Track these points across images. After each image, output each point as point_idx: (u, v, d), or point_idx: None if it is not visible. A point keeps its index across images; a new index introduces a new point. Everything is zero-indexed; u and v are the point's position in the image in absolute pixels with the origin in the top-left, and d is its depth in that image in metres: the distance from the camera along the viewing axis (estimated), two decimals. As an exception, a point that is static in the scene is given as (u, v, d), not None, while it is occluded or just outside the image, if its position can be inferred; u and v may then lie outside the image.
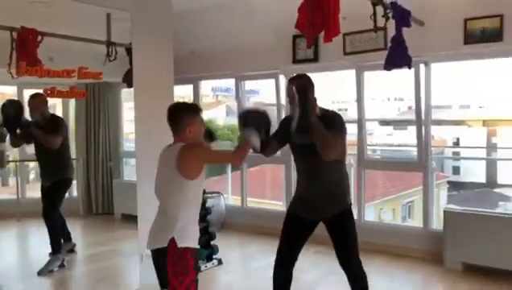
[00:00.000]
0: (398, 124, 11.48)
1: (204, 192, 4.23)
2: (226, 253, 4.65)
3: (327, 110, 2.87)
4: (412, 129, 4.87)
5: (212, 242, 4.52)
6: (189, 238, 2.35)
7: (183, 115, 2.40)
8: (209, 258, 4.47)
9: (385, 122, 11.49)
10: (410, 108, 11.60)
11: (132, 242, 4.81)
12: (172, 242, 2.30)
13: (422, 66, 4.49)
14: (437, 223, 4.68)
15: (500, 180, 9.18)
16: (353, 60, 4.82)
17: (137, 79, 3.69)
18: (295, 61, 5.16)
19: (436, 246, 4.49)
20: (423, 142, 4.63)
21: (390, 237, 4.81)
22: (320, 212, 2.87)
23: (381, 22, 3.37)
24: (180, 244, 2.30)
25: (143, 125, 3.73)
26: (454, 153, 9.91)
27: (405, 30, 3.44)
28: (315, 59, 5.01)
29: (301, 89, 2.67)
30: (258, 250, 5.02)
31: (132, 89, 4.26)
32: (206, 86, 6.99)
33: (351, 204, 2.94)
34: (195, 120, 2.41)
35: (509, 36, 3.95)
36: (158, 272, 2.47)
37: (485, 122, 11.37)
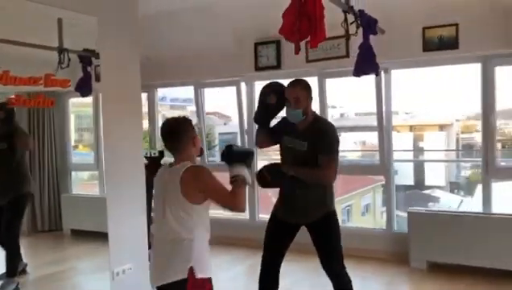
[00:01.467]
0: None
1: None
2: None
3: (319, 121, 2.95)
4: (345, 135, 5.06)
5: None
6: (207, 267, 2.20)
7: (186, 128, 2.25)
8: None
9: None
10: (342, 115, 12.12)
11: (91, 260, 4.59)
12: (191, 272, 2.10)
13: (381, 73, 4.64)
14: (380, 223, 4.84)
15: (427, 182, 9.72)
16: (315, 68, 4.88)
17: (105, 85, 3.52)
18: (258, 68, 5.15)
19: (400, 246, 4.64)
20: (385, 147, 4.77)
21: (354, 240, 4.89)
22: (303, 216, 2.90)
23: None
24: (200, 274, 2.12)
25: (112, 133, 3.56)
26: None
27: (367, 37, 3.53)
28: (277, 66, 5.03)
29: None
30: (225, 260, 4.94)
31: (81, 99, 4.03)
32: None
33: (334, 209, 2.95)
34: (194, 130, 2.30)
35: (464, 44, 4.17)
36: None
37: (411, 128, 11.99)
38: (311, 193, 2.85)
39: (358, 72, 3.65)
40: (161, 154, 4.39)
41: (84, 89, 4.01)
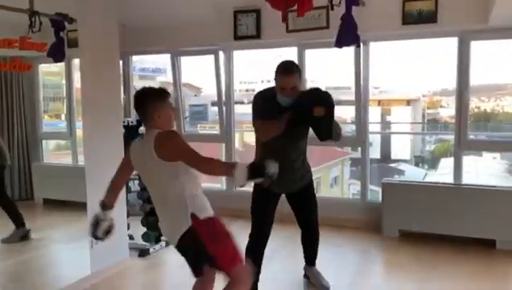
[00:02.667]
0: None
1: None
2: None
3: (303, 91, 2.98)
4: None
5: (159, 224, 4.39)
6: (206, 208, 2.28)
7: (150, 101, 2.25)
8: (157, 240, 4.35)
9: None
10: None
11: (65, 229, 4.54)
12: (194, 217, 2.20)
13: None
14: (347, 195, 4.98)
15: (393, 156, 10.00)
16: (295, 38, 4.86)
17: (83, 52, 3.42)
18: (237, 37, 5.08)
19: (374, 216, 4.79)
20: (362, 120, 4.85)
21: (330, 209, 5.01)
22: (290, 186, 3.11)
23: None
24: (202, 215, 2.23)
25: (91, 101, 3.49)
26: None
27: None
28: (257, 36, 4.97)
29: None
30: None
31: (47, 67, 3.88)
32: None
33: (312, 175, 3.29)
34: (163, 105, 2.27)
35: (442, 18, 4.22)
36: (189, 261, 2.39)
37: (380, 102, 12.25)
38: (301, 165, 3.11)
39: (340, 43, 3.66)
40: (139, 123, 4.32)
41: (56, 54, 3.90)
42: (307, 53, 5.00)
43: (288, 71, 2.86)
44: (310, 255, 3.48)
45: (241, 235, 2.87)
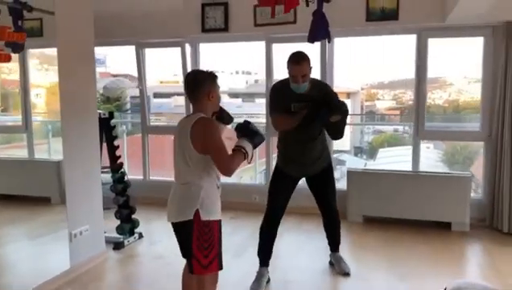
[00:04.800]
0: (248, 96, 12.29)
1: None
2: (142, 226, 4.55)
3: (316, 80, 3.28)
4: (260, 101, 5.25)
5: (132, 216, 4.39)
6: (213, 211, 2.33)
7: (204, 81, 2.35)
8: (131, 233, 4.34)
9: (234, 95, 12.45)
10: (256, 81, 12.49)
11: (28, 225, 4.40)
12: (197, 214, 2.26)
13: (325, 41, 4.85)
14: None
15: (334, 147, 10.50)
16: (263, 32, 4.98)
17: (60, 42, 3.35)
18: (204, 30, 5.12)
19: (339, 202, 5.00)
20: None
21: (297, 198, 5.19)
22: (311, 170, 3.35)
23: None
24: (205, 217, 2.28)
25: (68, 92, 3.43)
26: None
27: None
28: (225, 29, 5.04)
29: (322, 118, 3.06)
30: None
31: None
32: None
33: (331, 160, 3.56)
34: (215, 86, 2.39)
35: (403, 16, 4.50)
36: (180, 244, 2.43)
37: None
38: (315, 148, 3.30)
39: (312, 38, 3.82)
40: (111, 115, 4.28)
41: (15, 44, 3.78)
42: (275, 47, 5.13)
43: (299, 60, 3.09)
44: (331, 241, 3.68)
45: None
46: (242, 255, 4.03)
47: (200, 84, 2.35)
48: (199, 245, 2.27)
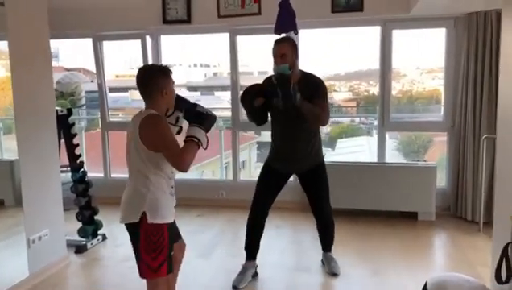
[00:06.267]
0: (207, 90, 12.22)
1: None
2: (105, 227, 4.35)
3: (309, 75, 3.13)
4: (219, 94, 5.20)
5: (95, 217, 4.19)
6: (161, 213, 2.20)
7: (157, 77, 2.21)
8: (94, 235, 4.15)
9: (192, 88, 12.09)
10: (215, 74, 12.40)
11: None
12: (143, 217, 2.16)
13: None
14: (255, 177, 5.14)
15: None
16: (227, 24, 4.85)
17: (12, 35, 3.12)
18: (166, 21, 4.94)
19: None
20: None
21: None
22: (298, 167, 3.24)
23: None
24: (152, 220, 2.16)
25: (22, 90, 3.20)
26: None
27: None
28: (187, 20, 4.88)
29: (281, 77, 2.92)
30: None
31: None
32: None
33: (323, 158, 3.36)
34: (169, 81, 2.24)
35: (368, 7, 4.49)
36: (132, 245, 2.31)
37: None
38: (307, 145, 3.18)
39: (279, 30, 3.74)
40: (69, 111, 4.05)
41: None
42: (239, 39, 5.02)
43: (280, 40, 3.09)
44: (322, 241, 3.55)
45: (178, 221, 2.84)
46: (211, 255, 3.92)
47: (152, 80, 2.21)
48: (147, 248, 2.17)
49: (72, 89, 12.79)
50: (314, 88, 3.05)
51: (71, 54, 4.86)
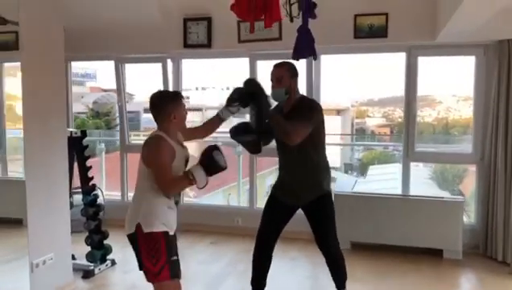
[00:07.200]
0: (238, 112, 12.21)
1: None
2: (115, 252, 4.25)
3: (305, 99, 3.02)
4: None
5: (105, 242, 4.11)
6: (154, 223, 2.31)
7: (166, 103, 2.38)
8: (103, 260, 4.05)
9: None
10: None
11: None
12: (138, 227, 2.31)
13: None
14: None
15: None
16: (247, 48, 4.79)
17: (26, 55, 3.13)
18: (187, 46, 4.92)
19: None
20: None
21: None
22: (297, 198, 2.99)
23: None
24: (146, 229, 2.30)
25: (33, 109, 3.19)
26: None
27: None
28: (208, 44, 4.85)
29: (255, 89, 2.76)
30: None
31: None
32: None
33: (328, 190, 3.03)
34: (178, 107, 2.39)
35: (392, 33, 4.34)
36: (136, 256, 2.42)
37: None
38: (306, 176, 2.95)
39: (297, 55, 3.63)
40: (83, 133, 4.02)
41: None
42: (259, 64, 4.94)
43: (277, 64, 3.00)
44: (333, 278, 3.20)
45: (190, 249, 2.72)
46: (219, 287, 3.74)
47: (162, 106, 2.38)
48: (147, 255, 2.31)
49: (108, 109, 13.08)
50: (302, 108, 2.84)
51: (108, 75, 5.08)
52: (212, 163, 2.28)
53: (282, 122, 2.74)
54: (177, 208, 2.46)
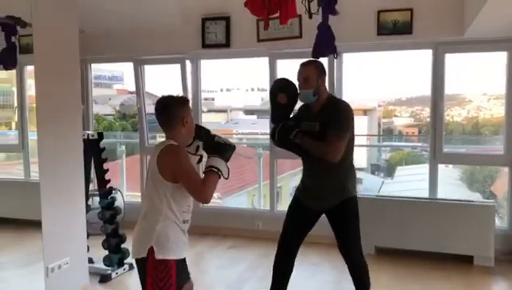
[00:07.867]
0: (263, 113, 12.07)
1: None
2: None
3: (335, 100, 2.93)
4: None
5: (122, 246, 4.06)
6: (170, 249, 2.12)
7: (176, 107, 2.21)
8: (120, 264, 4.00)
9: (249, 112, 12.33)
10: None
11: (17, 251, 4.11)
12: (151, 252, 2.10)
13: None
14: None
15: None
16: (266, 48, 4.67)
17: (39, 58, 3.10)
18: (205, 46, 4.85)
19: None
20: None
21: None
22: (321, 202, 2.88)
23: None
24: (159, 255, 2.09)
25: (47, 112, 3.17)
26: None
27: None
28: (227, 44, 4.76)
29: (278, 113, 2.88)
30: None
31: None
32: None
33: (353, 194, 2.91)
34: (187, 110, 2.25)
35: (417, 30, 4.15)
36: (140, 282, 2.23)
37: None
38: (329, 180, 2.85)
39: (317, 53, 3.50)
40: (100, 136, 3.99)
41: (7, 60, 3.61)
42: (279, 64, 4.82)
43: (303, 63, 2.90)
44: (355, 285, 3.06)
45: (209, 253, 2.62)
46: (239, 292, 3.65)
47: (173, 109, 2.21)
48: (153, 284, 2.11)
49: (134, 111, 13.17)
50: (333, 115, 2.75)
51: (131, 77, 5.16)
52: (221, 147, 2.20)
53: (314, 144, 2.73)
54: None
